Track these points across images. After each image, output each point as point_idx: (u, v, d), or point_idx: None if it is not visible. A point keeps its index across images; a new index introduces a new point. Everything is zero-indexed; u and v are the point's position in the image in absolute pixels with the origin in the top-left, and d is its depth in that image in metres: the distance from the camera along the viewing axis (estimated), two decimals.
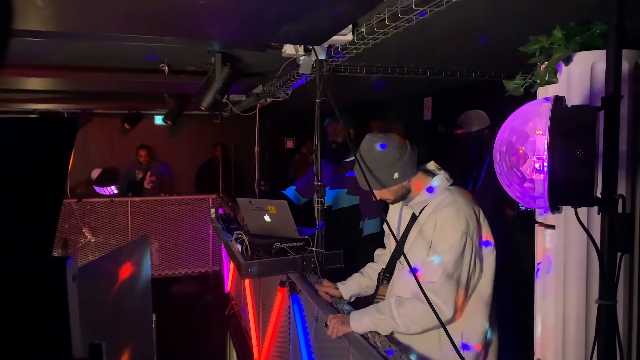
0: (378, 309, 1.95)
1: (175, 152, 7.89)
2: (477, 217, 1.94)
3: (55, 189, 0.60)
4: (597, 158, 1.05)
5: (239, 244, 2.86)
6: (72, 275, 0.57)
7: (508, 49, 2.26)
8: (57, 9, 1.80)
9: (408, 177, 2.03)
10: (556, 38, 1.40)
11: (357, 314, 2.00)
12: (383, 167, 2.01)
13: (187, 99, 4.77)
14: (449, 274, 1.84)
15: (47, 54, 3.10)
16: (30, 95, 5.10)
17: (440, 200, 1.98)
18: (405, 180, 2.04)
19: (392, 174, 2.00)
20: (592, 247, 1.09)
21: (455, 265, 1.85)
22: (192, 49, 2.97)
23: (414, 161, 2.04)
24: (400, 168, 2.00)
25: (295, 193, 3.83)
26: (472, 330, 1.97)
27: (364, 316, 1.96)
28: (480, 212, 1.99)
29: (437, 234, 1.92)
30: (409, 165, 2.02)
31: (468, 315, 1.97)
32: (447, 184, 2.03)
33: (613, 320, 1.05)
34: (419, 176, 2.06)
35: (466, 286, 1.89)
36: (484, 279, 1.97)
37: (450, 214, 1.90)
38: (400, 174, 2.01)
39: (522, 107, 1.13)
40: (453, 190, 2.01)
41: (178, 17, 1.92)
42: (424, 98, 5.43)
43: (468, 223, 1.89)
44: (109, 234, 6.36)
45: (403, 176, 2.02)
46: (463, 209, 1.91)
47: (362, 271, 2.41)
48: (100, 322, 0.68)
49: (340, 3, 1.74)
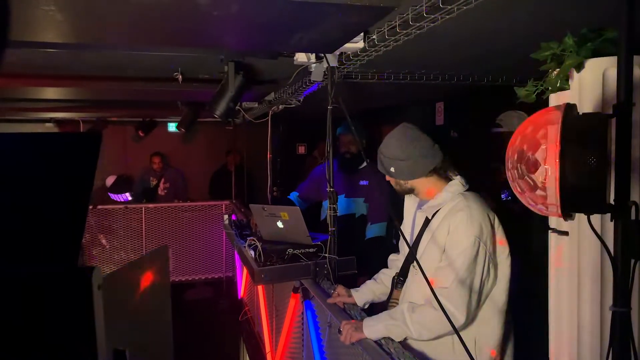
0: (391, 315, 1.96)
1: (188, 159, 7.96)
2: (491, 222, 1.94)
3: (80, 202, 0.63)
4: (610, 165, 1.05)
5: (252, 250, 2.89)
6: (97, 284, 0.59)
7: (520, 54, 2.27)
8: (75, 22, 1.85)
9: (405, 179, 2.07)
10: (567, 45, 1.41)
11: (370, 320, 2.00)
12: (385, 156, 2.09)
13: (201, 107, 4.83)
14: (461, 280, 1.84)
15: (65, 64, 3.17)
16: (47, 104, 5.19)
17: (453, 205, 1.98)
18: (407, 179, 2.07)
19: (390, 167, 2.07)
20: (606, 253, 1.10)
21: (467, 271, 1.85)
22: (206, 57, 3.01)
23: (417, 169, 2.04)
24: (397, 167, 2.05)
25: (298, 198, 3.87)
26: (486, 336, 1.96)
27: (377, 322, 1.96)
28: (495, 217, 1.98)
29: (450, 239, 1.91)
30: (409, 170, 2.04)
31: (482, 322, 1.96)
32: (463, 189, 2.03)
33: (627, 327, 1.05)
34: (433, 180, 2.07)
35: (479, 292, 1.88)
36: (499, 285, 1.96)
37: (463, 219, 1.90)
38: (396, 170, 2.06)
39: (534, 115, 1.14)
40: (467, 195, 2.00)
41: (192, 29, 1.95)
42: (436, 103, 5.43)
43: (481, 228, 1.88)
44: (123, 240, 6.43)
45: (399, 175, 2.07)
46: (476, 214, 1.91)
47: (376, 277, 2.41)
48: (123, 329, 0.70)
49: (352, 12, 1.76)
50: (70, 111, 6.17)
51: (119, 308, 0.67)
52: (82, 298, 0.57)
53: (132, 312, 0.76)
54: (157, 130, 7.39)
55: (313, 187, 3.89)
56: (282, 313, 3.47)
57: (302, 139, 8.23)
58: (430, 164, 2.04)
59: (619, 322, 1.06)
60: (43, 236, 0.60)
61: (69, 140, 0.66)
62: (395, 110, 6.41)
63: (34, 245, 0.60)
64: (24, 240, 0.61)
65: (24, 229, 0.61)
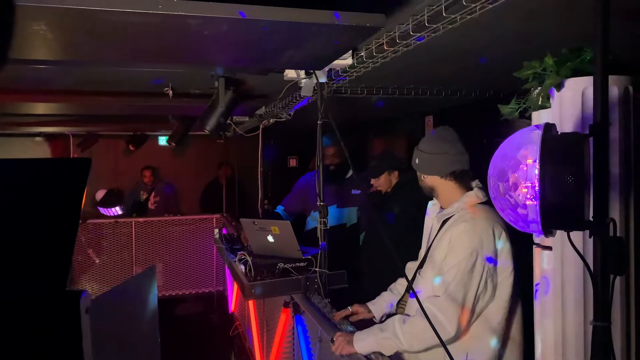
0: (381, 328, 1.96)
1: (179, 172, 7.94)
2: (495, 237, 1.90)
3: (68, 226, 0.64)
4: (588, 183, 1.08)
5: (243, 264, 2.88)
6: (85, 308, 0.60)
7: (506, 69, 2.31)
8: (66, 41, 1.87)
9: (424, 173, 2.13)
10: (548, 64, 1.45)
11: (361, 334, 2.00)
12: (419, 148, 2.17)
13: (192, 121, 4.84)
14: (452, 291, 1.83)
15: (55, 79, 3.18)
16: (37, 118, 5.18)
17: (460, 215, 1.98)
18: (422, 173, 2.14)
19: (415, 158, 2.16)
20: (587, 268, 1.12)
21: (461, 283, 1.83)
22: (196, 73, 3.04)
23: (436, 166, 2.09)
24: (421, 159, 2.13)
25: (284, 212, 3.89)
26: (478, 353, 1.93)
27: (367, 336, 1.96)
28: (503, 233, 1.93)
29: (449, 249, 1.91)
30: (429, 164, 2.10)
31: (474, 337, 1.92)
32: (477, 201, 2.02)
33: (608, 341, 1.08)
34: (452, 185, 2.08)
35: (473, 306, 1.85)
36: (496, 303, 1.91)
37: (465, 230, 1.90)
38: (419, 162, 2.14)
39: (514, 134, 1.17)
40: (479, 207, 1.99)
41: (183, 47, 1.98)
42: (425, 117, 5.48)
43: (482, 241, 1.86)
44: (113, 254, 6.38)
45: (420, 168, 2.14)
46: (479, 227, 1.89)
47: (391, 288, 2.40)
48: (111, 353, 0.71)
49: (341, 32, 1.79)
50: (60, 125, 6.15)
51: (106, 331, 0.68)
52: (70, 322, 0.58)
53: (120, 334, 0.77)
54: (148, 144, 7.38)
55: (297, 199, 3.92)
56: (272, 328, 3.46)
57: (293, 152, 8.24)
58: (451, 165, 2.06)
59: (600, 336, 1.09)
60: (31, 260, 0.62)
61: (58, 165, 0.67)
62: (385, 123, 6.47)
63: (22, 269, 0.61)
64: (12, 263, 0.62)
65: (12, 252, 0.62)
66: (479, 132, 4.40)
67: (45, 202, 0.64)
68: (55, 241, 0.63)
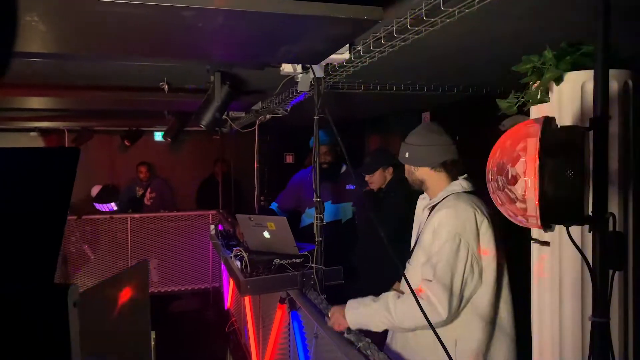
0: (374, 300, 1.99)
1: (175, 168, 7.91)
2: (476, 222, 1.94)
3: (57, 218, 0.62)
4: (588, 177, 1.07)
5: (239, 260, 2.87)
6: (73, 301, 0.58)
7: (503, 66, 2.30)
8: (59, 33, 1.84)
9: (415, 165, 2.14)
10: (547, 58, 1.44)
11: (353, 302, 2.05)
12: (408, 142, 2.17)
13: (187, 117, 4.81)
14: (440, 275, 1.85)
15: (49, 73, 3.15)
16: (32, 113, 5.13)
17: (443, 202, 2.03)
18: (412, 165, 2.14)
19: (405, 152, 2.16)
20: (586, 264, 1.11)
21: (447, 266, 1.86)
22: (192, 67, 3.01)
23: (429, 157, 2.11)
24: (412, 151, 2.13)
25: (278, 209, 3.89)
26: (466, 340, 1.95)
27: (359, 306, 2.00)
28: (485, 221, 1.96)
29: (434, 235, 1.96)
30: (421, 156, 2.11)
31: (461, 324, 1.94)
32: (461, 189, 2.06)
33: (606, 337, 1.07)
34: (441, 177, 2.12)
35: (461, 289, 1.87)
36: (482, 288, 1.95)
37: (447, 215, 1.94)
38: (410, 156, 2.14)
39: (513, 127, 1.15)
40: (462, 195, 2.03)
41: (178, 41, 1.95)
42: (422, 113, 5.47)
43: (464, 225, 1.91)
44: (108, 250, 6.35)
45: (411, 161, 2.15)
46: (461, 211, 1.94)
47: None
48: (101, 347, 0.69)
49: (337, 25, 1.77)
50: (55, 120, 6.11)
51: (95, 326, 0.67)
52: (57, 316, 0.57)
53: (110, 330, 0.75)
54: (144, 139, 7.34)
55: (291, 196, 3.92)
56: (268, 324, 3.45)
57: (289, 149, 8.22)
58: (441, 156, 2.10)
59: (598, 332, 1.07)
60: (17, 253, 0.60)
61: (45, 155, 0.65)
62: (382, 119, 6.45)
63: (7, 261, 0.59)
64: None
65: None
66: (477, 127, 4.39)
67: (32, 193, 0.62)
68: (42, 233, 0.61)
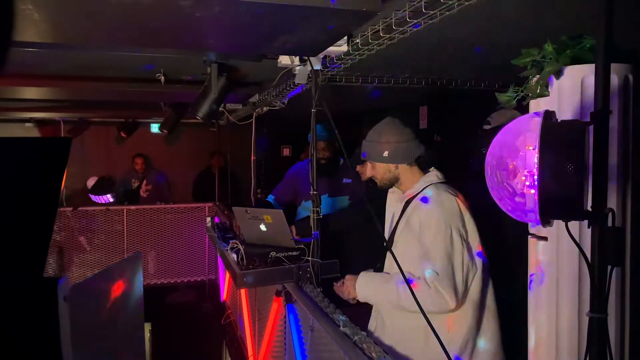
0: (386, 279, 2.03)
1: (171, 160, 7.87)
2: (459, 207, 1.98)
3: (47, 209, 0.61)
4: (587, 172, 1.06)
5: (235, 253, 2.86)
6: (63, 295, 0.57)
7: (502, 59, 2.29)
8: (54, 21, 1.81)
9: (397, 162, 2.13)
10: (547, 52, 1.42)
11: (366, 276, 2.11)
12: (380, 140, 2.15)
13: (184, 108, 4.79)
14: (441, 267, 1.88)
15: (44, 63, 3.11)
16: (27, 104, 5.10)
17: (424, 193, 2.05)
18: (393, 163, 2.13)
19: (383, 151, 2.14)
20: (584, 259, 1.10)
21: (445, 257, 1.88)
22: (189, 58, 2.98)
23: (409, 152, 2.12)
24: (392, 149, 2.12)
25: (274, 201, 3.88)
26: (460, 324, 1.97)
27: (372, 281, 2.07)
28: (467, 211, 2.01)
29: (422, 230, 1.97)
30: (403, 152, 2.11)
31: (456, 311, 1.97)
32: (437, 180, 2.10)
33: (604, 332, 1.06)
34: (415, 170, 2.15)
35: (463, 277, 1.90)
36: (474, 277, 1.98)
37: (432, 208, 1.97)
38: (390, 154, 2.12)
39: (513, 121, 1.14)
40: (439, 185, 2.07)
41: (174, 30, 1.93)
42: (420, 107, 5.45)
43: (452, 213, 1.94)
44: (104, 242, 6.34)
45: (393, 159, 2.13)
46: (446, 201, 1.97)
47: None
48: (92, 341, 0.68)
49: (335, 16, 1.75)
50: (50, 111, 6.07)
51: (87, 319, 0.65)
52: (47, 310, 0.55)
53: (102, 323, 0.74)
54: (140, 131, 7.30)
55: (288, 188, 3.91)
56: (264, 316, 3.44)
57: (286, 141, 8.20)
58: (418, 150, 2.14)
59: (596, 327, 1.07)
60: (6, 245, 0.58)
61: (35, 145, 0.63)
62: (379, 113, 6.42)
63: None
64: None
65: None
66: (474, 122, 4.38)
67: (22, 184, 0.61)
68: (32, 225, 0.59)
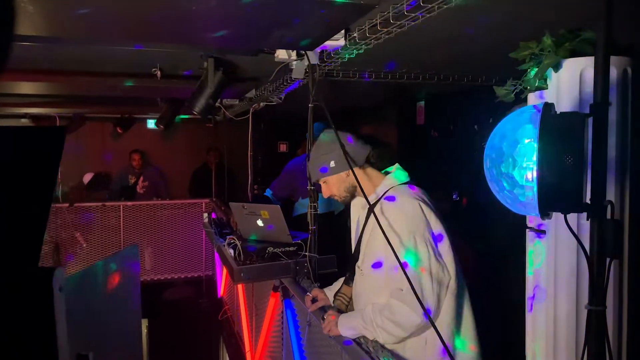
0: (363, 317, 1.91)
1: (168, 156, 7.84)
2: (423, 212, 1.89)
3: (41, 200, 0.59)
4: (586, 164, 1.05)
5: (232, 248, 2.85)
6: (59, 286, 0.56)
7: (499, 54, 2.28)
8: (48, 15, 1.80)
9: (347, 169, 1.97)
10: (546, 45, 1.42)
11: (345, 318, 1.99)
12: (320, 155, 2.04)
13: (180, 104, 4.76)
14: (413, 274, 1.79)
15: (39, 58, 3.09)
16: (22, 99, 5.06)
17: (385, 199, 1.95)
18: (344, 171, 2.01)
19: (329, 162, 2.01)
20: (582, 252, 1.10)
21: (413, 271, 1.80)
22: (185, 53, 2.97)
23: (355, 155, 2.00)
24: (337, 157, 1.98)
25: (272, 196, 3.87)
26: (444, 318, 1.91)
27: (350, 321, 1.95)
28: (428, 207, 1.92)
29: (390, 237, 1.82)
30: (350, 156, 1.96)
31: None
32: (397, 182, 2.00)
33: (602, 325, 1.06)
34: (371, 173, 2.05)
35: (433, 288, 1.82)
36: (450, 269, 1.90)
37: (396, 214, 1.88)
38: (336, 163, 2.00)
39: (512, 113, 1.14)
40: (399, 188, 1.97)
41: (170, 24, 1.92)
42: (417, 103, 5.45)
43: (414, 220, 1.86)
44: (101, 238, 6.32)
45: (341, 166, 1.99)
46: (407, 207, 1.88)
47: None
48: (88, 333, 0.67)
49: (333, 10, 1.74)
50: (46, 107, 6.04)
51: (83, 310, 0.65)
52: (42, 300, 0.54)
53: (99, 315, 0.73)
54: (136, 127, 7.27)
55: (285, 184, 3.90)
56: (262, 312, 3.44)
57: (283, 137, 8.17)
58: (365, 150, 2.03)
59: (594, 320, 1.07)
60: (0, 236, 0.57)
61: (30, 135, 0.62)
62: (376, 109, 6.43)
63: None
64: None
65: None
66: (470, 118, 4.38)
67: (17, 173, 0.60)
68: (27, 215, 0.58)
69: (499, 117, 1.23)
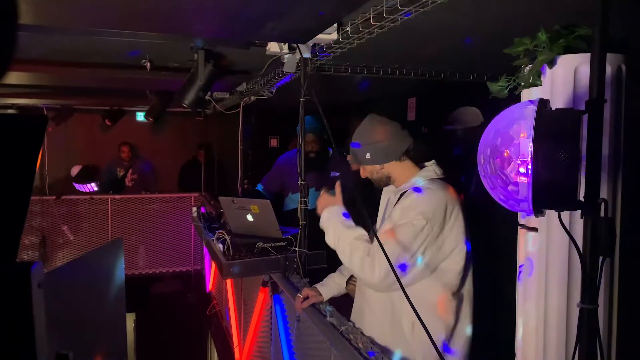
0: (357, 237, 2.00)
1: (157, 149, 7.77)
2: (446, 212, 1.91)
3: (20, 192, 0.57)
4: (581, 162, 1.04)
5: (221, 243, 2.83)
6: (37, 282, 0.54)
7: (492, 50, 2.27)
8: (36, 1, 1.75)
9: (381, 162, 2.07)
10: (540, 41, 1.40)
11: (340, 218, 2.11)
12: (360, 142, 2.10)
13: (170, 96, 4.71)
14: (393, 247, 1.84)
15: (26, 48, 3.02)
16: (8, 89, 4.98)
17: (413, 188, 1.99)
18: (378, 164, 2.08)
19: (365, 154, 2.08)
20: (574, 250, 1.09)
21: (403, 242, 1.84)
22: (175, 45, 2.92)
23: (391, 150, 2.05)
24: (373, 150, 2.06)
25: (263, 191, 3.84)
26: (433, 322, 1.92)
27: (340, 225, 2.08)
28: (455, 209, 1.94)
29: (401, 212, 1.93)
30: (384, 152, 2.05)
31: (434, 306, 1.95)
32: (434, 175, 2.04)
33: (594, 324, 1.05)
34: (407, 165, 2.08)
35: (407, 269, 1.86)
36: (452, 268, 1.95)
37: (418, 198, 1.93)
38: (372, 155, 2.07)
39: (507, 109, 1.12)
40: (435, 181, 2.01)
41: (161, 13, 1.88)
42: (408, 98, 5.44)
43: (434, 211, 1.89)
44: (88, 232, 6.26)
45: (374, 160, 2.07)
46: (433, 197, 1.92)
47: (341, 269, 2.38)
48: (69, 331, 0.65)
49: (325, 2, 1.72)
50: (33, 97, 5.94)
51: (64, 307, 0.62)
52: (19, 297, 0.52)
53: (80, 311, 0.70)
54: (125, 119, 7.19)
55: (276, 179, 3.87)
56: (250, 307, 3.43)
57: (274, 132, 8.14)
58: (404, 145, 2.06)
59: (586, 319, 1.06)
60: None
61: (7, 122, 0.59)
62: (367, 104, 6.41)
63: None
64: None
65: None
66: None
67: None
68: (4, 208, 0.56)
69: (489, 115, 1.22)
